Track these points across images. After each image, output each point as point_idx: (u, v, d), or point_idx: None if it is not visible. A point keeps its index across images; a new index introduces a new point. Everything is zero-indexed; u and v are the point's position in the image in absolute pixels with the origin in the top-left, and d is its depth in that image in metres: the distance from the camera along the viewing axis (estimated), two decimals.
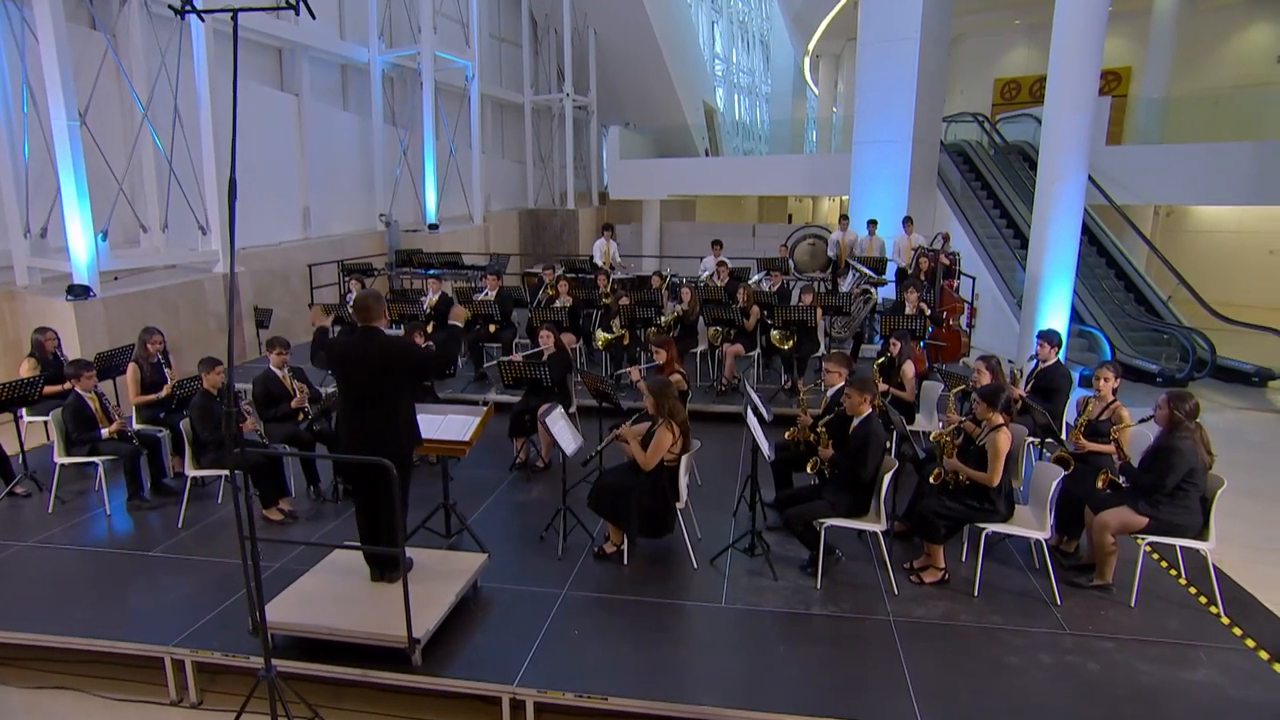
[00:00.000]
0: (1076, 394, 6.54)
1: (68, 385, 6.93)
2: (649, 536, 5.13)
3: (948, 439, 4.93)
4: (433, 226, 16.33)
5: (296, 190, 14.28)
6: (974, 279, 10.59)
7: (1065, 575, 4.90)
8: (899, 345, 6.60)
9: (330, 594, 4.38)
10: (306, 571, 4.63)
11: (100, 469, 6.00)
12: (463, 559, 4.82)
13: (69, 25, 9.45)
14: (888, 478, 4.68)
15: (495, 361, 7.38)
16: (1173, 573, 5.07)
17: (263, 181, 13.20)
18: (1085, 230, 12.37)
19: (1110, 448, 5.21)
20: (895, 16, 12.66)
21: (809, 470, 5.06)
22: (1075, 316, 11.04)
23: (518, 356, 7.10)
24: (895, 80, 12.79)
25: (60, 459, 5.99)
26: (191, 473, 5.78)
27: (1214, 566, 4.79)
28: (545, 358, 6.99)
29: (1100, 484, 4.80)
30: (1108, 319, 11.24)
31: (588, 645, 4.25)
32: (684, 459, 5.00)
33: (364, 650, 4.06)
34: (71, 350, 8.05)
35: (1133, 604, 4.60)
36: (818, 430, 5.03)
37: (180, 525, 5.75)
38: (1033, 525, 4.74)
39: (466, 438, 5.06)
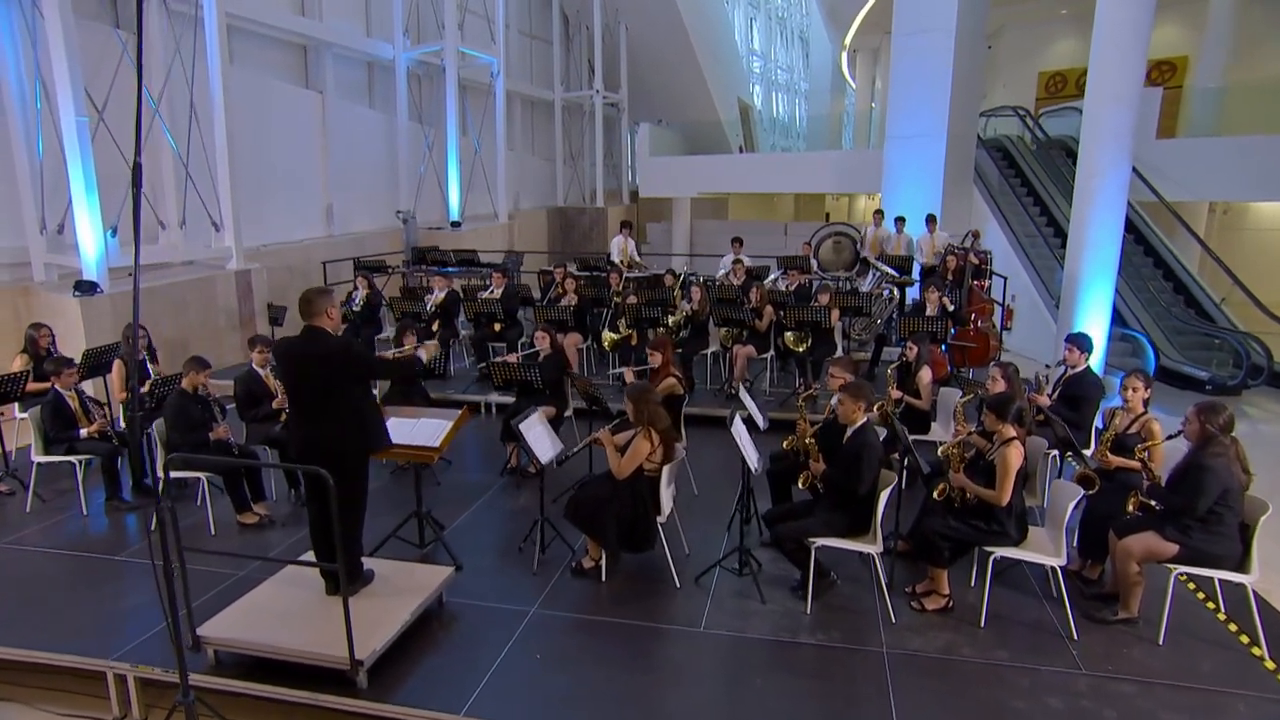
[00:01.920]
0: (1109, 403, 6.00)
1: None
2: (627, 551, 4.79)
3: (954, 451, 4.49)
4: (455, 224, 16.21)
5: (319, 188, 14.26)
6: (1005, 279, 10.00)
7: (1085, 606, 4.42)
8: (915, 349, 6.15)
9: (281, 609, 4.13)
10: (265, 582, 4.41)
11: (78, 469, 5.88)
12: (427, 572, 4.53)
13: (91, 24, 9.50)
14: (885, 494, 4.27)
15: (485, 362, 7.10)
16: (1210, 606, 4.55)
17: (284, 179, 13.20)
18: (1131, 228, 11.69)
19: (1133, 463, 4.71)
20: (929, 7, 12.10)
21: (800, 485, 4.66)
22: (1118, 319, 10.37)
23: (513, 357, 6.83)
24: (929, 73, 12.23)
25: (38, 457, 5.89)
26: (177, 474, 5.60)
27: (1257, 601, 4.27)
28: (541, 359, 6.70)
29: (1130, 507, 4.32)
30: (1153, 322, 10.54)
31: (549, 670, 3.93)
32: (666, 469, 4.65)
33: (310, 670, 3.80)
34: (76, 346, 8.00)
35: (1161, 641, 4.11)
36: (807, 441, 4.62)
37: (154, 528, 5.57)
38: (1047, 550, 4.27)
39: (436, 443, 4.80)
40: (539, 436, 4.89)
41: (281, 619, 4.01)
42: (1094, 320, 9.13)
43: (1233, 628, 4.33)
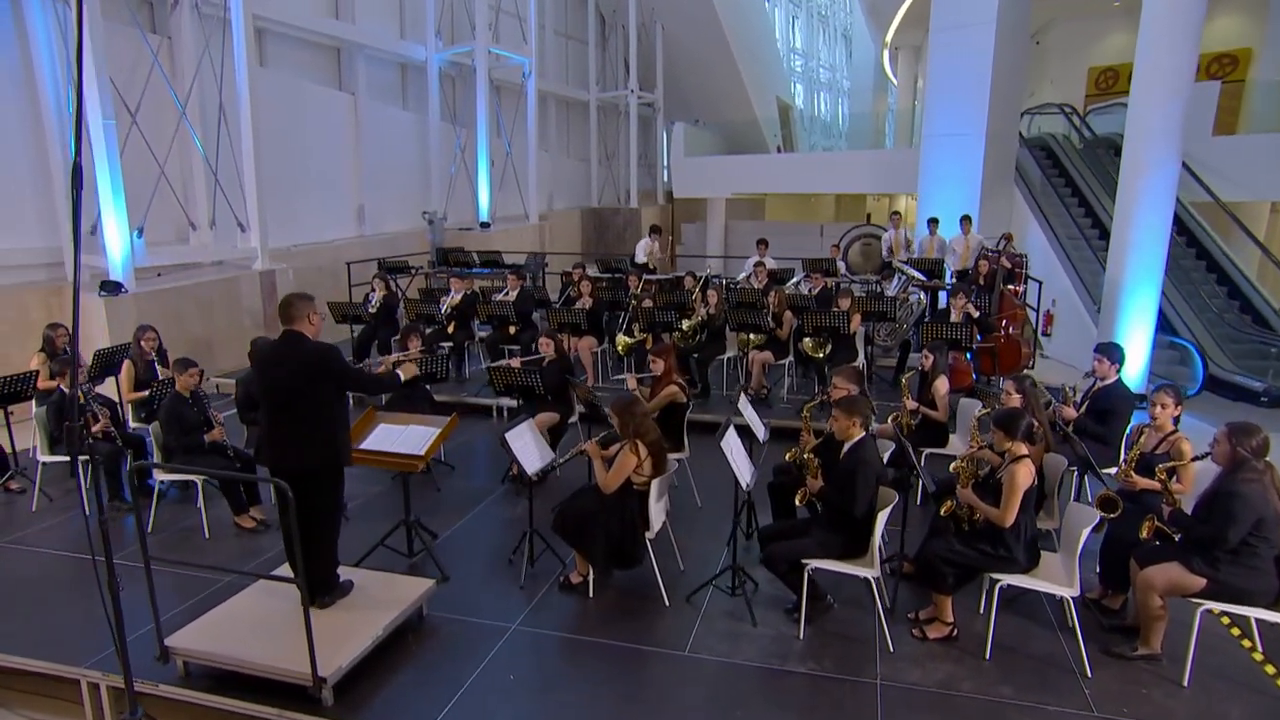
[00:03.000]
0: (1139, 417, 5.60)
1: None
2: (615, 568, 4.60)
3: (964, 466, 4.20)
4: (484, 225, 16.21)
5: (351, 188, 14.40)
6: (1040, 283, 9.53)
7: (1105, 639, 4.09)
8: (932, 358, 5.82)
9: (255, 620, 4.03)
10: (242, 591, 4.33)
11: (79, 468, 5.91)
12: (407, 585, 4.40)
13: (125, 29, 9.68)
14: (883, 515, 4.00)
15: (484, 366, 6.99)
16: (1246, 644, 4.17)
17: (316, 179, 13.35)
18: (1183, 230, 11.09)
19: (1177, 486, 4.34)
20: (969, 2, 11.64)
21: (798, 502, 4.42)
22: (1165, 326, 9.81)
23: (516, 362, 6.70)
24: (968, 69, 11.77)
25: (43, 457, 5.95)
26: (160, 476, 5.60)
27: None
28: (545, 364, 6.55)
29: (1145, 533, 3.98)
30: (1205, 329, 9.93)
31: (520, 692, 3.76)
32: (655, 484, 4.44)
33: (278, 685, 3.70)
34: (100, 346, 8.12)
35: (1185, 683, 3.76)
36: (804, 457, 4.37)
37: (150, 530, 5.59)
38: (1059, 579, 3.94)
39: (421, 452, 4.68)
40: (526, 446, 4.73)
41: (253, 630, 3.92)
42: (1137, 327, 8.64)
43: (1270, 670, 3.95)
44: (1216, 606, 3.74)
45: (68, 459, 5.93)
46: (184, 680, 3.84)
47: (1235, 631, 4.25)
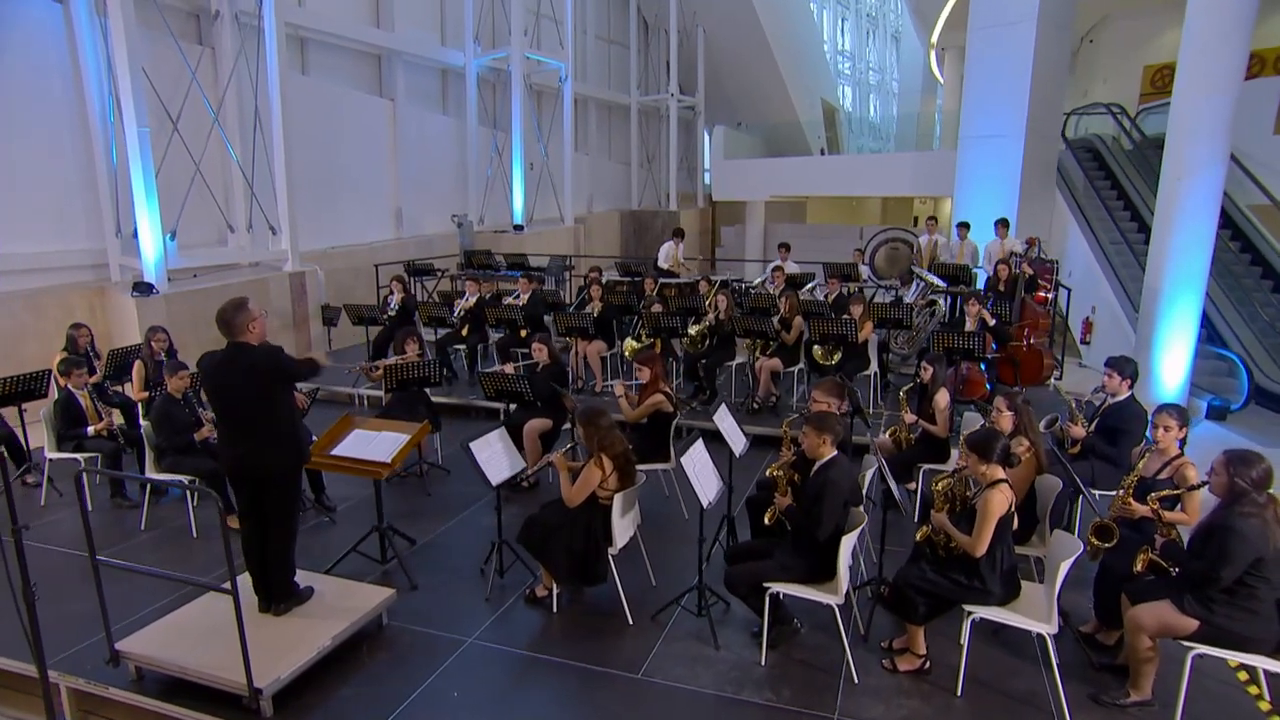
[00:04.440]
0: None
1: (94, 379, 7.19)
2: (578, 583, 4.47)
3: (941, 487, 3.93)
4: (517, 227, 16.28)
5: (389, 191, 14.66)
6: (1069, 290, 9.06)
7: (1096, 680, 3.80)
8: (931, 370, 5.54)
9: (210, 625, 4.01)
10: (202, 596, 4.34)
11: (83, 465, 6.06)
12: (366, 593, 4.36)
13: (172, 40, 10.01)
14: (849, 540, 3.77)
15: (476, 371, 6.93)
16: (1252, 690, 3.81)
17: (355, 183, 13.62)
18: (1237, 234, 10.43)
19: (1180, 515, 4.02)
20: None
21: (766, 520, 4.22)
22: (1213, 335, 9.22)
23: (509, 367, 6.64)
24: (1008, 69, 11.30)
25: (50, 454, 6.12)
26: (151, 476, 5.69)
27: None
28: (539, 369, 6.47)
29: (1139, 566, 3.67)
30: (1255, 338, 9.27)
31: (460, 711, 3.67)
32: (619, 498, 4.30)
33: (222, 694, 3.68)
34: (131, 344, 8.35)
35: None
36: (776, 473, 4.17)
37: (143, 528, 5.70)
38: (1038, 614, 3.66)
39: (388, 459, 4.64)
40: (494, 455, 4.64)
41: (205, 637, 3.90)
42: (1177, 336, 8.13)
43: None
44: (1210, 651, 3.41)
45: (73, 455, 6.09)
46: (135, 685, 3.85)
47: (1242, 676, 3.89)
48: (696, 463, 4.14)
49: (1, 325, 8.39)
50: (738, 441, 4.89)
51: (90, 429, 6.11)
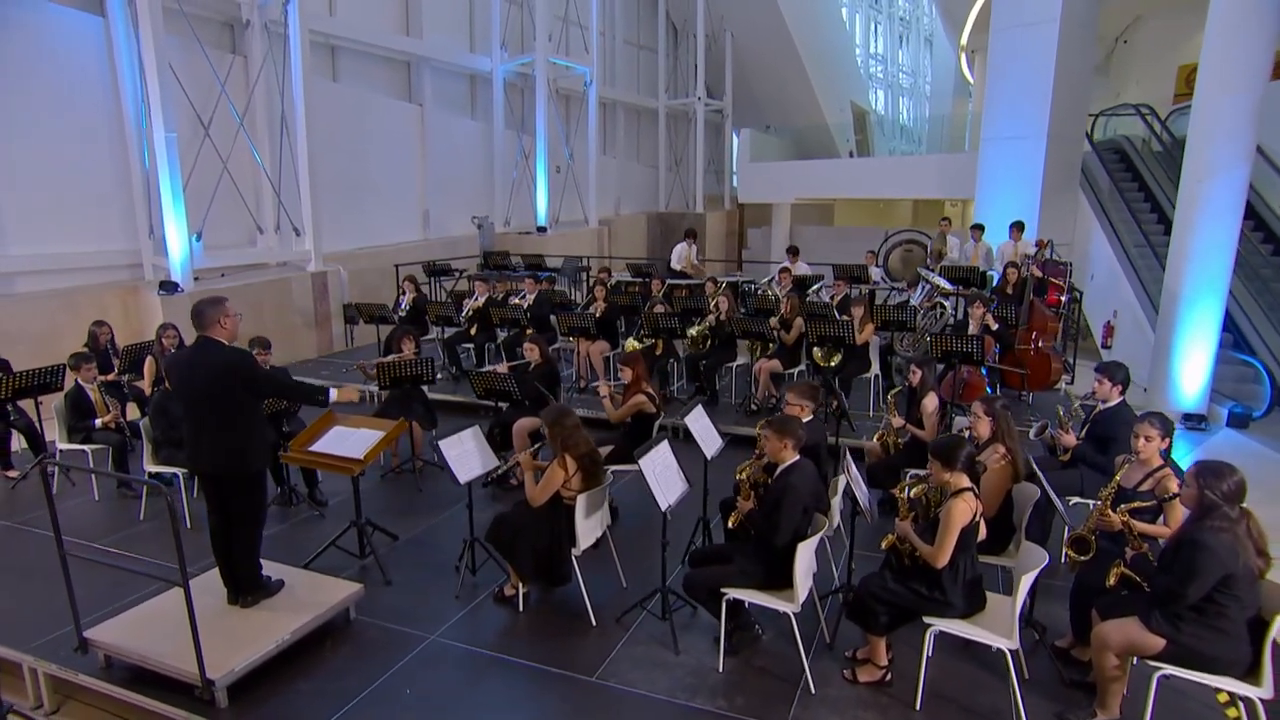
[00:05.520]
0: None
1: (110, 376, 7.42)
2: (543, 584, 4.46)
3: (904, 495, 3.83)
4: (540, 229, 16.40)
5: (416, 194, 14.91)
6: (1079, 294, 8.79)
7: (1065, 696, 3.66)
8: (919, 373, 5.41)
9: (178, 617, 4.03)
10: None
11: (89, 457, 6.26)
12: (333, 588, 4.40)
13: (206, 48, 10.31)
14: (805, 547, 3.69)
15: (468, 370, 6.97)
16: (1232, 714, 3.62)
17: (382, 186, 13.90)
18: (1269, 237, 10.03)
19: (1159, 528, 3.87)
20: None
21: (730, 524, 4.16)
22: (1239, 340, 8.86)
23: (502, 367, 6.67)
24: (1030, 69, 11.05)
25: (61, 445, 6.32)
26: (149, 468, 5.83)
27: None
28: (531, 369, 6.49)
29: (1111, 580, 3.53)
30: None
31: (410, 709, 3.68)
32: (583, 499, 4.28)
33: (180, 684, 3.74)
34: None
35: None
36: (740, 476, 4.11)
37: (141, 518, 5.84)
38: (1000, 628, 3.54)
39: (360, 455, 4.68)
40: (465, 453, 4.65)
41: (173, 627, 3.93)
42: (1197, 342, 7.84)
43: None
44: (1177, 672, 3.26)
45: (82, 447, 6.28)
46: (104, 672, 3.94)
47: (1223, 698, 3.71)
48: (658, 465, 4.10)
49: (39, 323, 8.68)
50: (710, 444, 4.83)
51: (98, 421, 6.29)
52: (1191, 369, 7.89)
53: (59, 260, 9.24)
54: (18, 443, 6.88)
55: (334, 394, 4.39)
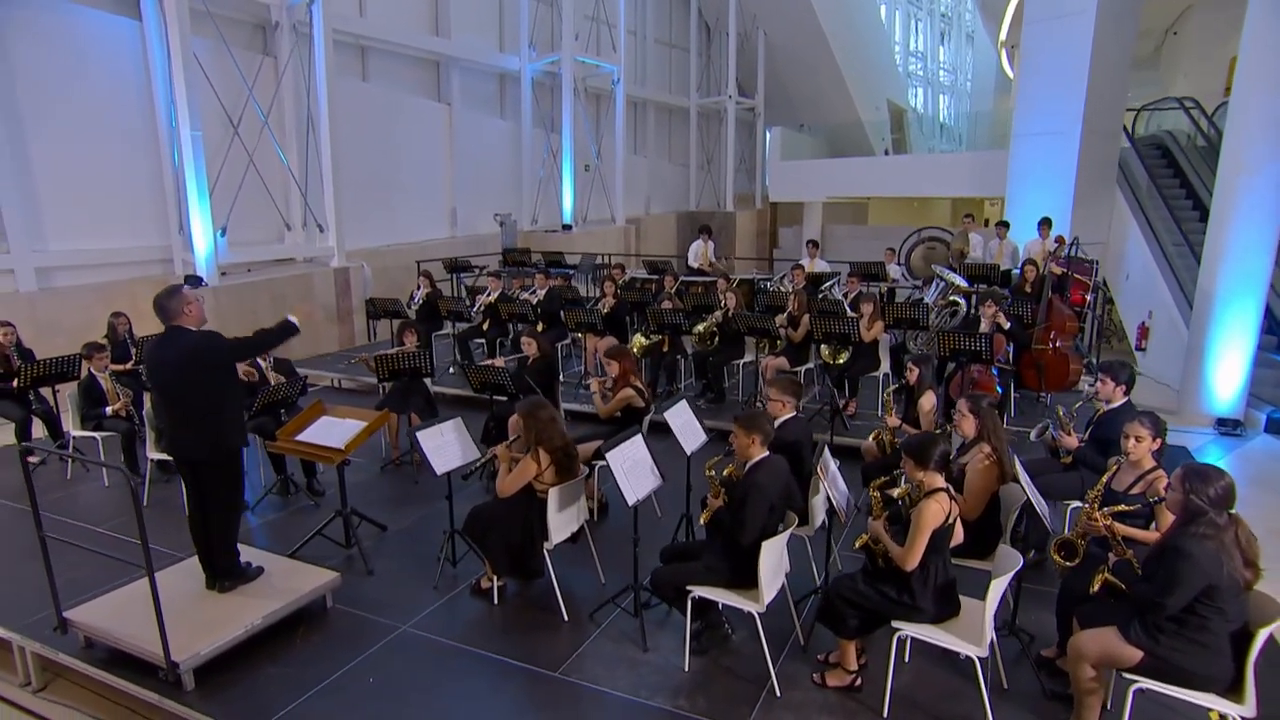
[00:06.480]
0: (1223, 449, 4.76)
1: (128, 366, 7.61)
2: (516, 577, 4.42)
3: (880, 493, 3.70)
4: (566, 227, 16.44)
5: (444, 192, 15.08)
6: (1098, 294, 8.43)
7: (1044, 709, 3.48)
8: (916, 371, 5.24)
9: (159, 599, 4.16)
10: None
11: (99, 444, 6.43)
12: (309, 575, 4.43)
13: (234, 50, 10.57)
14: (771, 545, 3.58)
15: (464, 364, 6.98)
16: None
17: (410, 184, 14.10)
18: None
19: (1151, 534, 3.66)
20: None
21: (701, 521, 4.06)
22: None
23: (500, 360, 6.66)
24: (1064, 62, 10.68)
25: (74, 432, 6.50)
26: (152, 455, 5.96)
27: None
28: (529, 363, 6.47)
29: (1095, 587, 3.34)
30: None
31: (369, 699, 3.66)
32: (555, 492, 4.22)
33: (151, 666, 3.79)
34: None
35: None
36: (709, 473, 4.00)
37: (145, 504, 5.94)
38: (971, 634, 3.38)
39: (342, 445, 4.70)
40: (445, 444, 4.63)
41: (149, 610, 4.00)
42: (1232, 344, 7.48)
43: None
44: (1154, 686, 3.07)
45: (93, 434, 6.45)
46: (84, 652, 4.01)
47: (1214, 716, 3.48)
48: (627, 459, 4.02)
49: (75, 316, 8.98)
50: (691, 439, 4.74)
51: (109, 409, 6.45)
52: (1226, 371, 7.53)
53: (96, 256, 9.59)
54: (38, 429, 7.09)
55: (293, 318, 4.34)
